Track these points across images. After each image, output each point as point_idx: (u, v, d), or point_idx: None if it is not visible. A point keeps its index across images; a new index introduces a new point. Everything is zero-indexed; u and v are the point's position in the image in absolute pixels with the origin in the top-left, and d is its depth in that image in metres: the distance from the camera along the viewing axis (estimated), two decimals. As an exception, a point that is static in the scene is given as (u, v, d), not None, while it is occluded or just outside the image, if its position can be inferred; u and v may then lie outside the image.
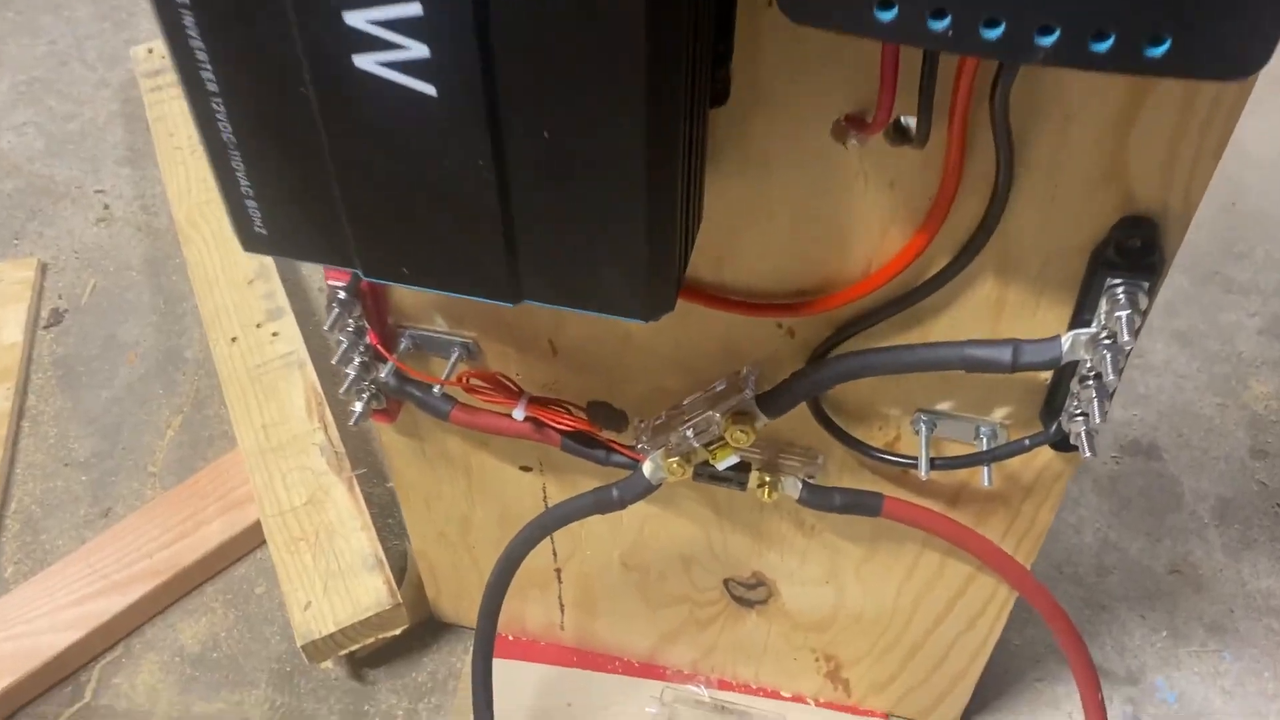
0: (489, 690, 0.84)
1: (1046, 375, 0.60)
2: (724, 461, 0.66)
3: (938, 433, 0.66)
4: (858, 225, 0.55)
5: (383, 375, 0.70)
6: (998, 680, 0.97)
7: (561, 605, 0.94)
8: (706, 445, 0.66)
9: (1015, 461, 0.67)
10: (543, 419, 0.68)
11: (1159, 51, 0.34)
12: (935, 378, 0.62)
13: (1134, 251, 0.52)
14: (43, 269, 1.33)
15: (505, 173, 0.43)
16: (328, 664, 0.99)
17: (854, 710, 0.94)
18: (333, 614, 0.92)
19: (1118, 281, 0.52)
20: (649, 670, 0.98)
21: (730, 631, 0.90)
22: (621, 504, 0.70)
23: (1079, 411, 0.57)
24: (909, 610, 0.82)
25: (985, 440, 0.64)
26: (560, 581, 0.91)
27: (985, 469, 0.64)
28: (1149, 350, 1.27)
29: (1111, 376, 0.53)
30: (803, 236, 0.57)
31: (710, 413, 0.64)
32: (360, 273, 0.50)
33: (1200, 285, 1.34)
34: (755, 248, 0.58)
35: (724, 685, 0.97)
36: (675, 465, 0.66)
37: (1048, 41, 0.34)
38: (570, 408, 0.69)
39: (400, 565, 1.03)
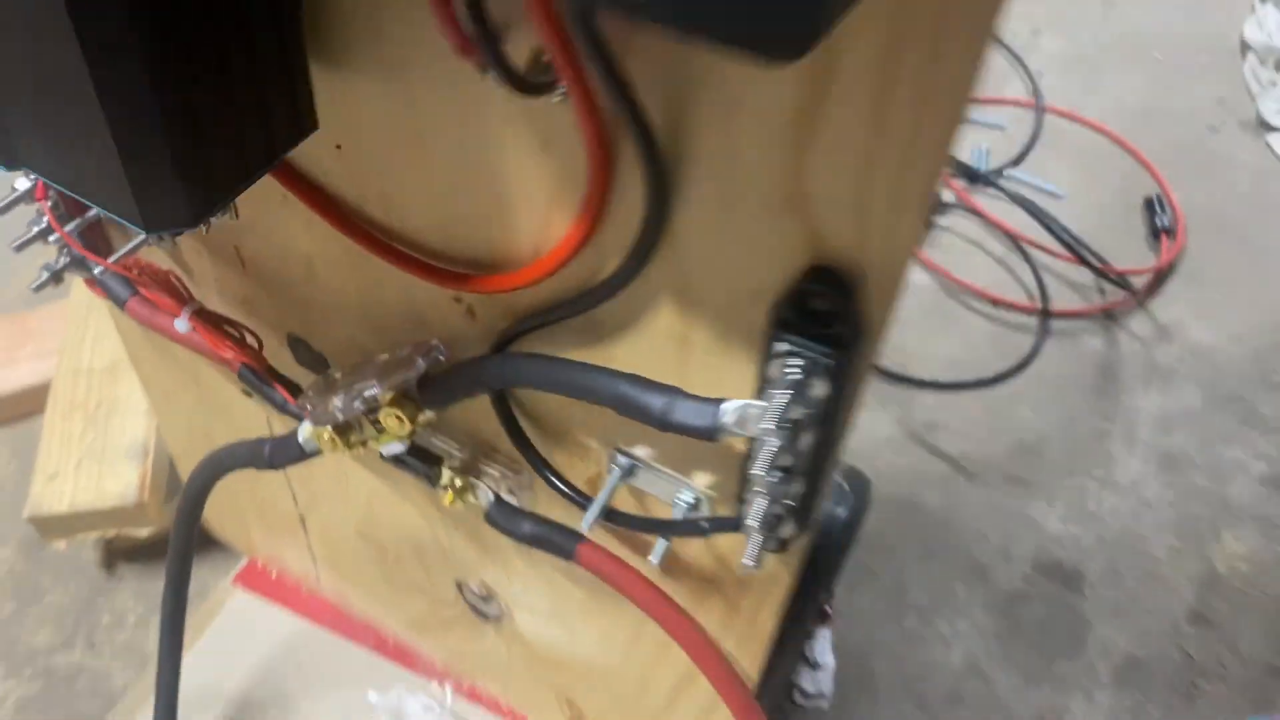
0: (178, 631, 0.74)
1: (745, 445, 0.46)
2: (386, 447, 0.55)
3: (638, 482, 0.52)
4: (517, 191, 0.42)
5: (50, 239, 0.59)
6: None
7: (313, 557, 0.84)
8: (373, 422, 0.54)
9: (725, 545, 0.53)
10: (206, 338, 0.57)
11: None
12: (630, 415, 0.49)
13: (815, 315, 0.38)
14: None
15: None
16: (77, 545, 0.91)
17: (600, 767, 0.82)
18: (72, 494, 0.84)
19: (787, 348, 0.38)
20: (401, 655, 0.87)
21: (472, 642, 0.78)
22: (272, 463, 0.58)
23: (753, 504, 0.44)
24: (643, 674, 0.68)
25: (683, 507, 0.51)
26: (306, 531, 0.81)
27: (660, 542, 0.51)
28: (1119, 461, 1.08)
29: (758, 470, 0.39)
30: (461, 186, 0.44)
31: (374, 385, 0.52)
32: None
33: (1214, 407, 1.14)
34: (416, 188, 0.45)
35: (474, 695, 0.85)
36: (328, 438, 0.54)
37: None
38: (248, 334, 0.58)
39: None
